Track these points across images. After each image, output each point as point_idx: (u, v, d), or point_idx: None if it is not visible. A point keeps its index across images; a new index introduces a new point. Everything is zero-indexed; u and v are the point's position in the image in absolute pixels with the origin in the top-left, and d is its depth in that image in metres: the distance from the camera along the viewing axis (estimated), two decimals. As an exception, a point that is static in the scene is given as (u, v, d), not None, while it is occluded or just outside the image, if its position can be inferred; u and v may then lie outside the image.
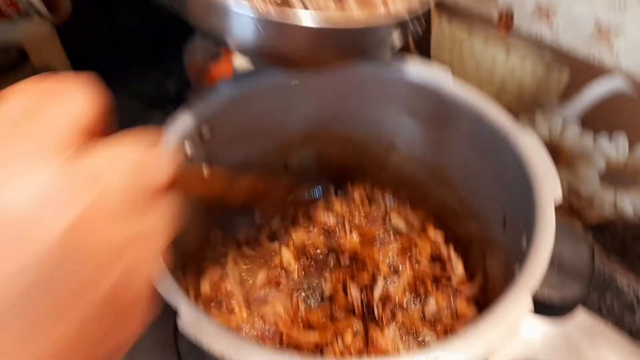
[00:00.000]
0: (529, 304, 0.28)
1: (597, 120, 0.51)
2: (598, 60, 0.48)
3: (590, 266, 0.32)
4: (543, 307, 0.31)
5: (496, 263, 0.40)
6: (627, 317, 0.55)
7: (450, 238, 0.50)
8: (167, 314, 0.51)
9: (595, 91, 0.49)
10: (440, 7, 0.57)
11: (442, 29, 0.58)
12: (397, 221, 0.53)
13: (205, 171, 0.34)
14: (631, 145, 0.50)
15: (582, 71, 0.49)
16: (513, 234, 0.38)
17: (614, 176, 0.53)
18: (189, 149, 0.40)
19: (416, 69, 0.44)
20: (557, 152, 0.56)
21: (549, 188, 0.34)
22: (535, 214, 0.34)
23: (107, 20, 0.89)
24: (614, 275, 0.58)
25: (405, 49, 0.58)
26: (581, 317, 0.54)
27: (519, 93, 0.55)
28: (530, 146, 0.37)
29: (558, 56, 0.50)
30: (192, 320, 0.28)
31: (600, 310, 0.56)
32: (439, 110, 0.44)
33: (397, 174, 0.51)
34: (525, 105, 0.56)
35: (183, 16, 0.36)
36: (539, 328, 0.53)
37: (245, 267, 0.48)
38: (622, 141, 0.50)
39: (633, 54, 0.45)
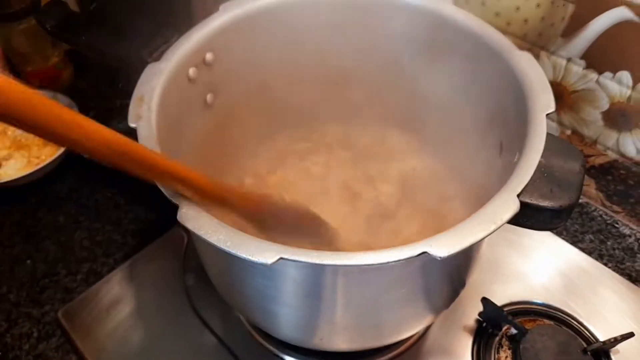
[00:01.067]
0: (515, 203, 0.28)
1: (601, 58, 0.50)
2: (603, -11, 0.47)
3: (580, 177, 0.31)
4: (535, 215, 0.31)
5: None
6: (627, 262, 0.55)
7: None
8: (175, 250, 0.53)
9: (600, 23, 0.48)
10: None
11: (445, -33, 0.57)
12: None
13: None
14: (635, 82, 0.49)
15: (587, 5, 0.48)
16: (508, 157, 0.38)
17: (618, 115, 0.52)
18: (193, 74, 0.40)
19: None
20: (560, 93, 0.55)
21: (543, 102, 0.34)
22: (527, 128, 0.33)
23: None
24: (616, 220, 0.57)
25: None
26: (581, 261, 0.54)
27: (524, 31, 0.54)
28: (526, 64, 0.37)
29: (562, -12, 0.49)
30: (191, 213, 0.28)
31: (601, 255, 0.56)
32: (438, 34, 0.43)
33: (398, 106, 0.51)
34: (529, 44, 0.55)
35: None
36: (539, 270, 0.53)
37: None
38: (625, 78, 0.49)
39: (639, -20, 0.44)
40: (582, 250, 0.55)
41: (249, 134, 0.51)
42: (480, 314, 0.48)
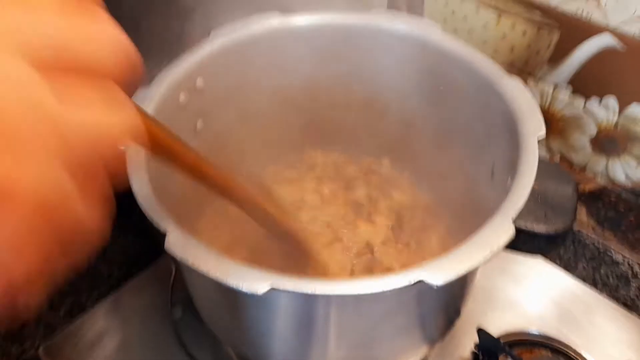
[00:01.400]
0: (511, 228, 0.28)
1: (587, 84, 0.51)
2: (587, 17, 0.48)
3: (573, 202, 0.31)
4: (530, 240, 0.30)
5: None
6: (622, 289, 0.54)
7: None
8: (162, 282, 0.51)
9: (585, 50, 0.49)
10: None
11: (432, -2, 0.59)
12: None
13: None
14: (621, 107, 0.50)
15: (572, 32, 0.49)
16: (500, 181, 0.37)
17: (605, 141, 0.52)
18: (182, 99, 0.40)
19: (406, 22, 0.44)
20: (548, 120, 0.56)
21: (533, 126, 0.34)
22: (519, 152, 0.33)
23: None
24: (608, 246, 0.57)
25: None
26: (575, 288, 0.53)
27: (510, 59, 0.55)
28: (515, 90, 0.37)
29: (548, 16, 0.50)
30: (179, 240, 0.27)
31: (594, 282, 0.55)
32: (427, 61, 0.43)
33: (388, 134, 0.51)
34: (516, 71, 0.56)
35: None
36: (533, 298, 0.52)
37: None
38: (612, 104, 0.50)
39: (621, 9, 0.45)
40: (576, 277, 0.54)
41: (237, 162, 0.50)
42: (476, 346, 0.46)
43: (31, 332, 0.49)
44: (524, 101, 0.36)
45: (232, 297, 0.30)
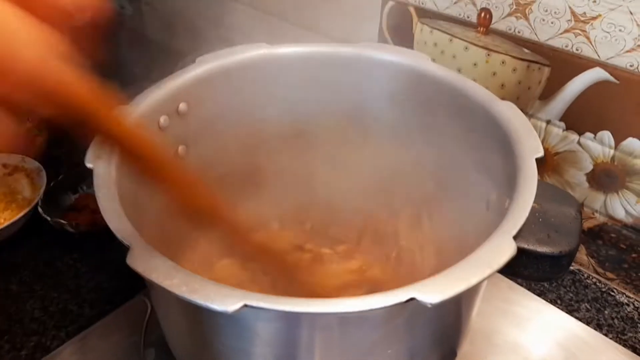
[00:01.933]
0: (512, 246, 0.25)
1: (580, 119, 0.50)
2: (577, 52, 0.48)
3: (577, 223, 0.29)
4: (533, 263, 0.28)
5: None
6: (629, 332, 0.51)
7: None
8: (136, 322, 0.48)
9: (576, 85, 0.49)
10: (421, 11, 0.57)
11: (423, 36, 0.59)
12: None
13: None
14: (617, 141, 0.49)
15: (563, 67, 0.49)
16: (497, 208, 0.35)
17: (603, 176, 0.51)
18: (164, 123, 0.39)
19: (396, 52, 0.44)
20: (543, 157, 0.54)
21: (530, 146, 0.33)
22: (517, 173, 0.32)
23: None
24: (611, 287, 0.54)
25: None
26: (580, 331, 0.50)
27: (501, 95, 0.54)
28: (509, 112, 0.36)
29: (537, 52, 0.50)
30: (142, 255, 0.24)
31: (599, 325, 0.52)
32: (418, 90, 0.43)
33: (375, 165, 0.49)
34: (507, 108, 0.55)
35: None
36: (536, 341, 0.49)
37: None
38: (607, 138, 0.49)
39: (611, 43, 0.45)
40: (579, 319, 0.51)
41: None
42: (476, 392, 0.43)
43: (-14, 376, 0.45)
44: (518, 123, 0.35)
45: (204, 321, 0.27)
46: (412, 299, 0.22)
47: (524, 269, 0.28)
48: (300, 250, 0.48)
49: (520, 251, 0.27)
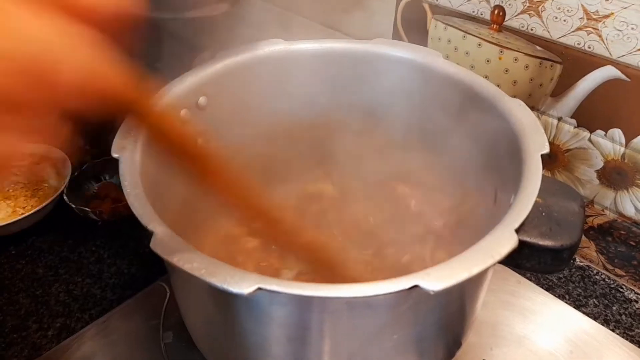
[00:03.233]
0: (513, 238, 0.27)
1: (592, 116, 0.51)
2: (589, 49, 0.48)
3: (580, 217, 0.30)
4: (535, 255, 0.29)
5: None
6: (636, 328, 0.52)
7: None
8: (155, 307, 0.50)
9: (588, 82, 0.49)
10: (435, 8, 0.58)
11: (437, 33, 0.60)
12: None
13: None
14: (628, 139, 0.49)
15: (575, 65, 0.50)
16: (503, 202, 0.36)
17: (613, 174, 0.51)
18: (185, 116, 0.40)
19: (409, 49, 0.45)
20: (554, 152, 0.55)
21: (537, 142, 0.34)
22: (522, 170, 0.33)
23: None
24: (620, 283, 0.55)
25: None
26: (587, 326, 0.51)
27: (513, 92, 0.55)
28: (517, 109, 0.37)
29: (550, 50, 0.51)
30: (165, 240, 0.26)
31: (607, 320, 0.53)
32: (430, 86, 0.44)
33: (390, 161, 0.50)
34: (519, 104, 0.56)
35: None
36: (542, 334, 0.50)
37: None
38: (618, 135, 0.49)
39: (623, 41, 0.46)
40: (587, 315, 0.52)
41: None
42: (481, 381, 0.44)
43: (15, 353, 0.48)
44: (526, 120, 0.36)
45: (221, 303, 0.29)
46: (415, 286, 0.24)
47: (526, 262, 0.29)
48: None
49: (523, 244, 0.28)
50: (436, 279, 0.24)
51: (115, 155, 0.31)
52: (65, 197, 0.59)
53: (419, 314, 0.28)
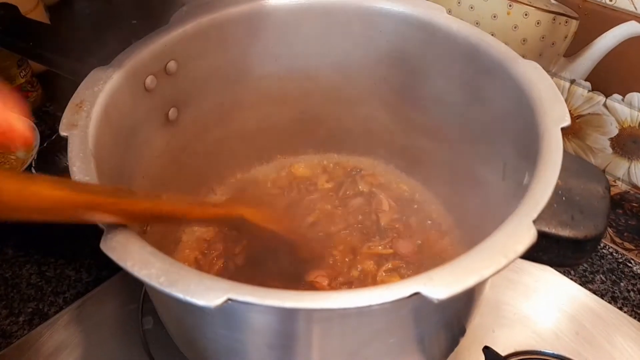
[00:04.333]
0: (532, 231, 0.23)
1: (608, 79, 0.46)
2: (611, 3, 0.43)
3: (605, 203, 0.26)
4: (553, 247, 0.25)
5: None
6: (644, 305, 0.49)
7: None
8: (134, 289, 0.46)
9: (607, 41, 0.44)
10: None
11: (437, -16, 0.54)
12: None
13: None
14: (647, 104, 0.45)
15: (593, 21, 0.44)
16: (514, 181, 0.32)
17: (628, 142, 0.47)
18: (151, 84, 0.35)
19: (408, 3, 0.40)
20: (564, 118, 0.50)
21: (556, 114, 0.29)
22: (539, 144, 0.28)
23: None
24: (629, 257, 0.52)
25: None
26: (593, 304, 0.48)
27: (522, 52, 0.50)
28: (532, 73, 0.32)
29: (565, 4, 0.45)
30: (117, 239, 0.22)
31: (614, 297, 0.50)
32: (431, 46, 0.39)
33: (387, 137, 0.46)
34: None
35: None
36: (546, 314, 0.47)
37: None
38: (636, 100, 0.45)
39: (650, -8, 0.40)
40: (593, 292, 0.49)
41: (217, 158, 0.45)
42: (482, 367, 0.41)
43: (-17, 341, 0.44)
44: (543, 86, 0.31)
45: (194, 313, 0.25)
46: (416, 294, 0.20)
47: (543, 254, 0.25)
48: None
49: (540, 235, 0.24)
50: (440, 285, 0.20)
51: (63, 133, 0.27)
52: (33, 170, 0.54)
53: (420, 316, 0.25)
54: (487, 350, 0.40)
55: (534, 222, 0.23)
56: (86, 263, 0.51)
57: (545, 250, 0.25)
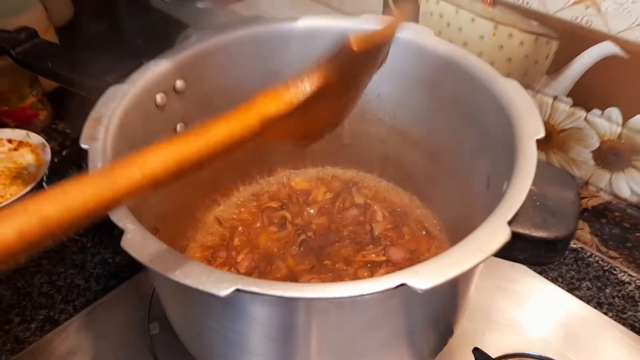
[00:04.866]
0: (506, 231, 0.25)
1: (588, 95, 0.49)
2: (586, 25, 0.46)
3: (576, 207, 0.29)
4: (528, 247, 0.27)
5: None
6: (629, 311, 0.51)
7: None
8: (141, 297, 0.49)
9: (585, 59, 0.47)
10: (425, -17, 0.56)
11: (429, 7, 0.57)
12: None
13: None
14: (625, 118, 0.47)
15: (572, 41, 0.48)
16: (496, 189, 0.35)
17: (609, 154, 0.50)
18: (161, 101, 0.38)
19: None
20: (549, 132, 0.53)
21: (531, 127, 0.32)
22: (515, 155, 0.31)
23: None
24: (614, 265, 0.54)
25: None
26: (579, 309, 0.50)
27: (508, 70, 0.53)
28: (511, 91, 0.35)
29: (546, 25, 0.49)
30: (137, 239, 0.25)
31: (600, 303, 0.52)
32: (420, 66, 0.42)
33: (381, 150, 0.49)
34: (513, 83, 0.54)
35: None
36: (534, 319, 0.49)
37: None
38: (615, 115, 0.48)
39: (623, 15, 0.44)
40: (580, 298, 0.51)
41: (221, 172, 0.48)
42: (473, 367, 0.43)
43: (-3, 347, 0.46)
44: (521, 102, 0.34)
45: (202, 307, 0.27)
46: (402, 285, 0.22)
47: (519, 253, 0.28)
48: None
49: (516, 235, 0.27)
50: (424, 277, 0.23)
51: (84, 146, 0.29)
52: (44, 185, 0.57)
53: (407, 309, 0.27)
54: (476, 351, 0.42)
55: (510, 223, 0.26)
56: (95, 273, 0.53)
57: (521, 250, 0.28)
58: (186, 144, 0.25)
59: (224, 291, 0.21)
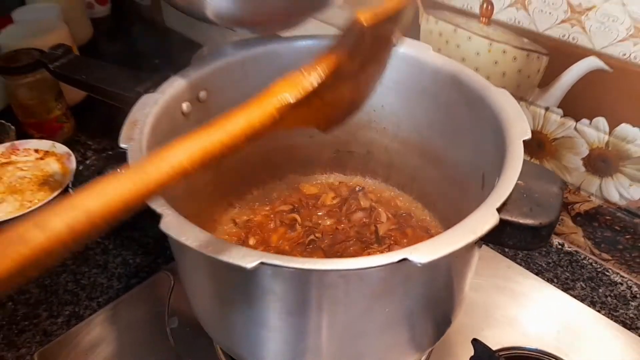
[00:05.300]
0: (495, 216, 0.29)
1: (577, 106, 0.53)
2: (573, 41, 0.50)
3: (559, 199, 0.32)
4: (516, 233, 0.31)
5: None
6: (620, 309, 0.54)
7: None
8: (160, 294, 0.52)
9: (573, 73, 0.51)
10: (427, 2, 0.60)
11: (429, 26, 0.62)
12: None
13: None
14: (611, 127, 0.51)
15: (560, 56, 0.52)
16: (489, 189, 0.39)
17: (598, 161, 0.54)
18: (186, 109, 0.42)
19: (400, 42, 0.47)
20: (542, 141, 0.57)
21: (519, 129, 0.36)
22: (505, 153, 0.35)
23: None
24: (606, 268, 0.57)
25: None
26: (574, 307, 0.53)
27: (502, 84, 0.58)
28: (502, 99, 0.39)
29: (536, 42, 0.53)
30: (173, 222, 0.28)
31: (593, 302, 0.55)
32: (420, 78, 0.46)
33: (385, 157, 0.52)
34: (508, 95, 0.58)
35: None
36: (531, 316, 0.52)
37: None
38: (602, 124, 0.52)
39: (605, 33, 0.48)
40: (574, 297, 0.54)
41: (237, 175, 0.52)
42: (471, 358, 0.46)
43: (28, 339, 0.50)
44: (510, 109, 0.38)
45: (226, 280, 0.31)
46: (404, 259, 0.26)
47: (508, 239, 0.31)
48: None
49: (505, 223, 0.30)
50: (424, 253, 0.26)
51: (123, 145, 0.33)
52: (70, 191, 0.61)
53: (408, 288, 0.31)
54: (475, 342, 0.45)
55: (499, 211, 0.30)
56: (117, 272, 0.57)
57: (510, 236, 0.31)
58: (208, 136, 0.27)
59: (251, 264, 0.25)
